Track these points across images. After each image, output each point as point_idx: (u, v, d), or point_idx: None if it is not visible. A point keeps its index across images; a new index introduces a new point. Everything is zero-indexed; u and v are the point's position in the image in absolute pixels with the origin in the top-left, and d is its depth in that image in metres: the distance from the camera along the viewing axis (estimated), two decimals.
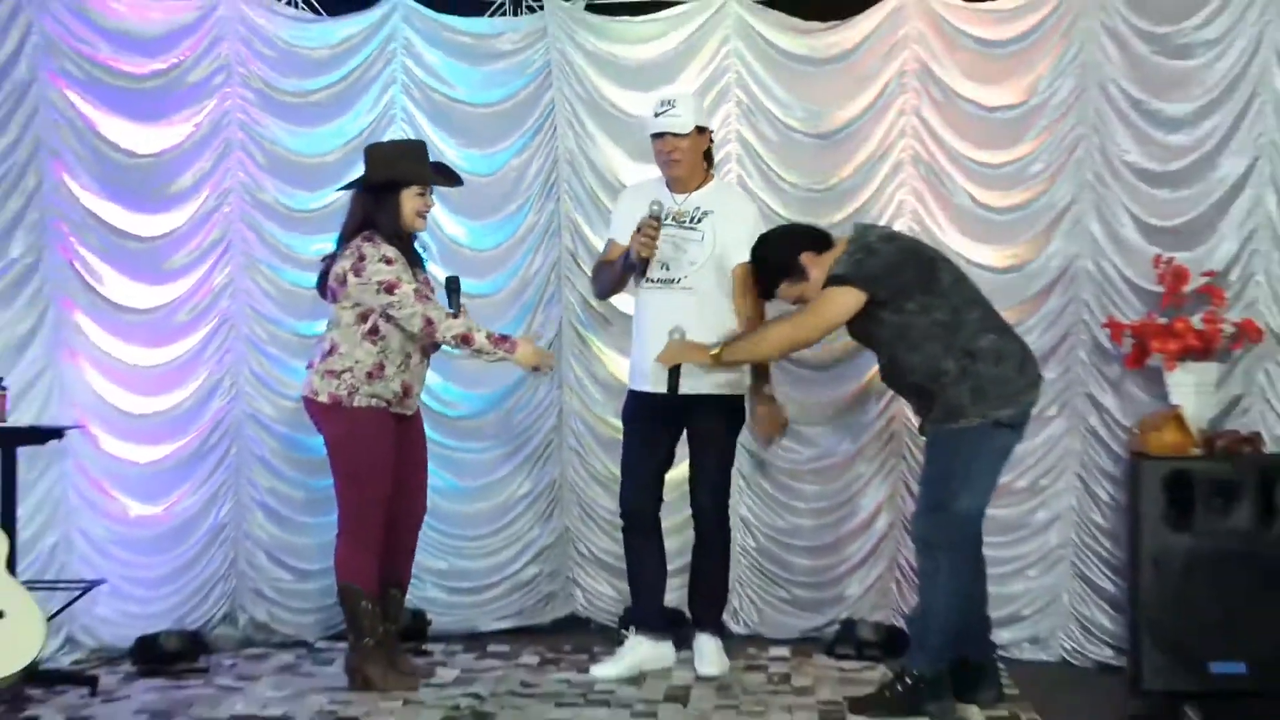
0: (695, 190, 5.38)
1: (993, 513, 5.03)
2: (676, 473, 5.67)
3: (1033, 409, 4.87)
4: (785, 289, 4.94)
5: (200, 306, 5.94)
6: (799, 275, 4.88)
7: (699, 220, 5.32)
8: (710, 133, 5.51)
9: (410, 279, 5.04)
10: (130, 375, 5.85)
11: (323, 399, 5.06)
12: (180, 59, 5.87)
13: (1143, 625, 5.09)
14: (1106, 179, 5.55)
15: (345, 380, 5.03)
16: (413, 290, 5.01)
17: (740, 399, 5.42)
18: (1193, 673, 5.00)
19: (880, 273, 4.71)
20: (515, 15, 6.20)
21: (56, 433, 5.39)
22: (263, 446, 6.00)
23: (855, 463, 5.97)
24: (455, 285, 5.20)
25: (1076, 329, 5.62)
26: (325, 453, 5.19)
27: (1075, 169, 5.60)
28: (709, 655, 5.38)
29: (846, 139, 5.93)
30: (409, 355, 5.12)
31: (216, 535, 5.95)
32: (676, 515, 5.77)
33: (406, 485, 5.24)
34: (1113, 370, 5.56)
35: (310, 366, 5.15)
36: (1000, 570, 5.47)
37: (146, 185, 5.86)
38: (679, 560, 5.70)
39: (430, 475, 5.67)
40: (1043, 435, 5.60)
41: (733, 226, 5.30)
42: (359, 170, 5.70)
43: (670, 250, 5.29)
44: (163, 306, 5.90)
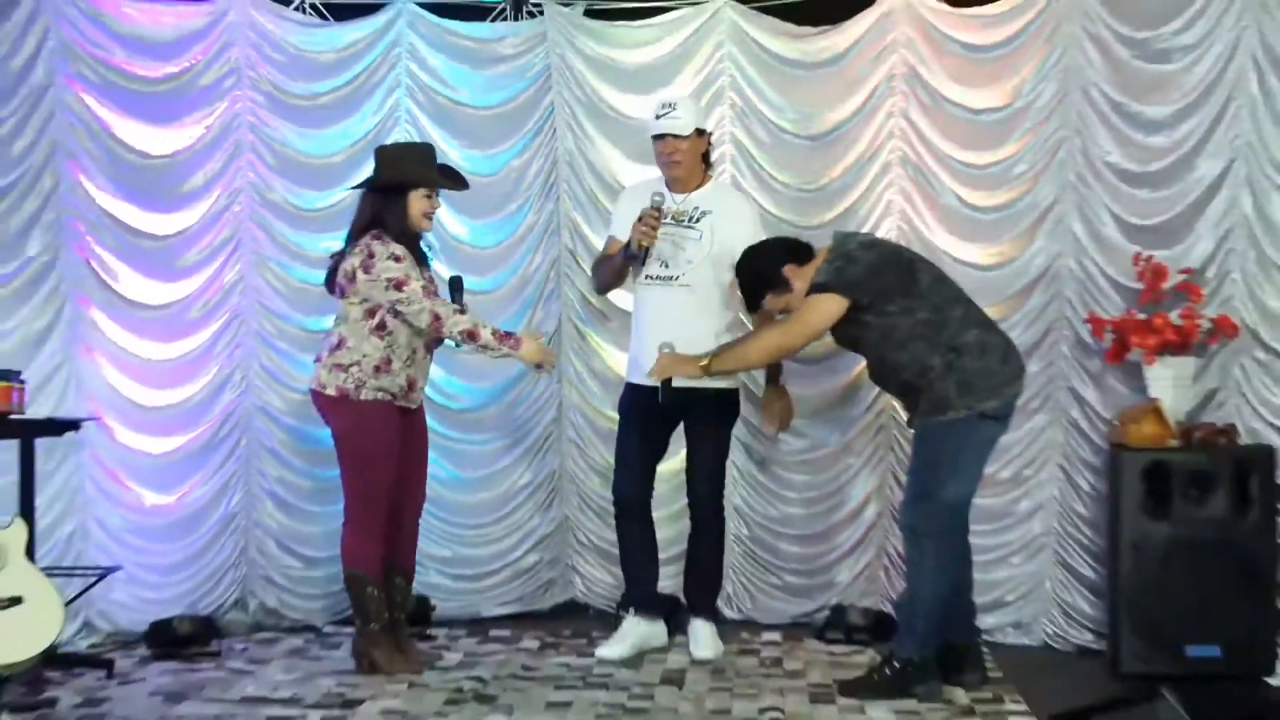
0: (694, 190, 5.39)
1: (978, 502, 5.03)
2: (674, 463, 5.70)
3: (1017, 401, 4.87)
4: (771, 300, 4.94)
5: (211, 303, 5.95)
6: (783, 287, 4.88)
7: (697, 220, 5.34)
8: (709, 135, 5.51)
9: (418, 276, 5.03)
10: (144, 369, 5.87)
11: (330, 392, 5.05)
12: (192, 63, 5.88)
13: (1122, 610, 5.11)
14: (1088, 179, 5.55)
15: (352, 374, 5.03)
16: (421, 287, 5.00)
17: (735, 393, 5.44)
18: (1169, 656, 5.02)
19: (861, 278, 4.72)
20: (516, 20, 6.22)
21: (73, 425, 5.39)
22: (272, 438, 6.02)
23: (845, 454, 5.98)
24: (459, 284, 5.21)
25: (1059, 324, 5.62)
26: (332, 444, 5.19)
27: (1058, 170, 5.60)
28: (704, 639, 5.40)
29: (837, 140, 5.94)
30: (415, 350, 5.12)
31: (227, 524, 5.97)
32: (673, 505, 5.80)
33: (409, 476, 5.24)
34: (1094, 364, 5.56)
35: (318, 360, 5.15)
36: (985, 558, 5.48)
37: (159, 185, 5.88)
38: (675, 548, 5.72)
39: (434, 466, 5.67)
40: (1026, 427, 5.59)
41: (733, 225, 5.30)
42: (365, 170, 5.70)
43: (669, 248, 5.30)
44: (175, 303, 5.91)
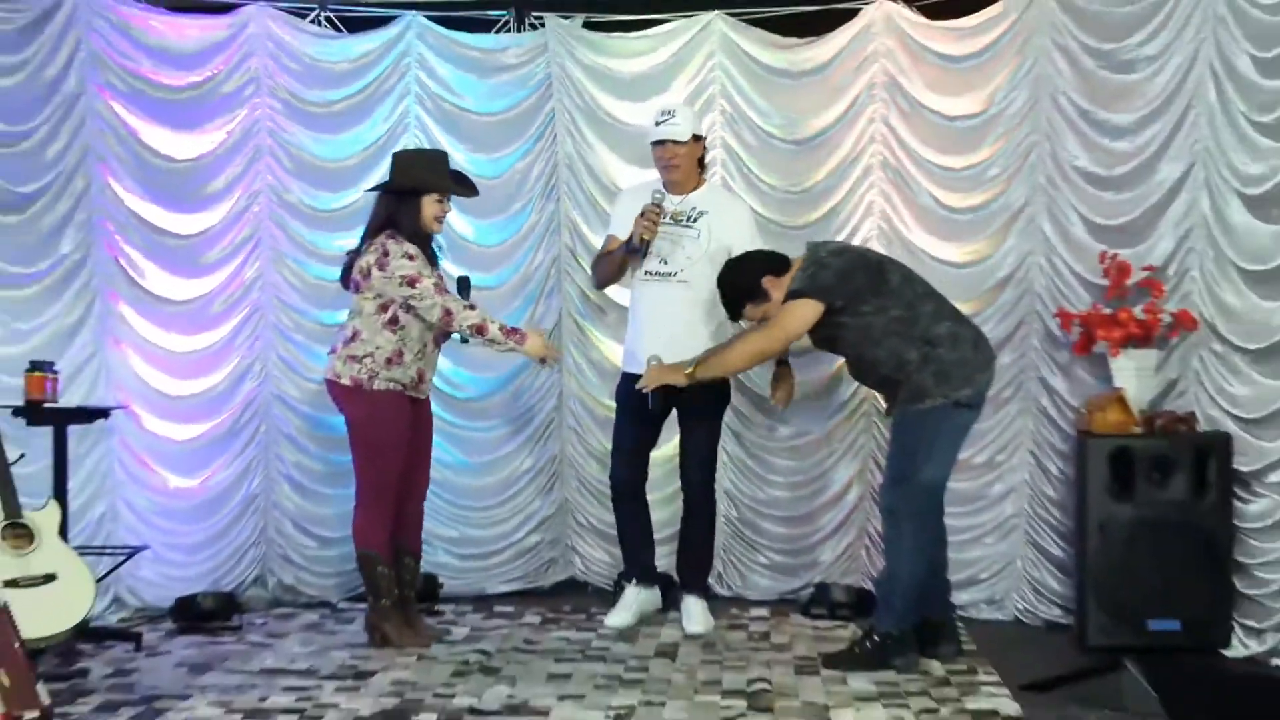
0: (691, 192, 5.44)
1: (954, 485, 5.08)
2: (667, 449, 5.75)
3: (988, 388, 4.90)
4: (750, 310, 4.98)
5: (233, 298, 5.98)
6: (762, 297, 4.91)
7: (695, 219, 5.39)
8: (704, 140, 5.57)
9: (430, 274, 5.07)
10: (169, 360, 5.89)
11: (345, 382, 5.08)
12: (214, 72, 5.91)
13: (1088, 587, 5.15)
14: (1057, 182, 5.56)
15: (366, 365, 5.06)
16: (433, 284, 5.04)
17: (726, 383, 5.47)
18: (1133, 630, 5.06)
19: (833, 283, 4.76)
20: (519, 32, 6.24)
21: (103, 412, 5.43)
22: (289, 425, 6.05)
23: (827, 441, 6.02)
24: (466, 283, 5.27)
25: (1030, 318, 5.64)
26: (345, 431, 5.22)
27: (1029, 173, 5.62)
28: (695, 615, 5.45)
29: (821, 145, 5.98)
30: (425, 344, 5.15)
31: (248, 506, 6.00)
32: (666, 488, 5.85)
33: (416, 462, 5.28)
34: (1062, 356, 5.58)
35: (333, 352, 5.18)
36: (960, 538, 5.53)
37: (184, 188, 5.90)
38: (668, 529, 5.77)
39: (441, 452, 5.73)
40: (999, 415, 5.63)
41: (730, 225, 5.37)
42: (376, 173, 5.79)
43: (668, 246, 5.35)
44: (199, 298, 5.93)
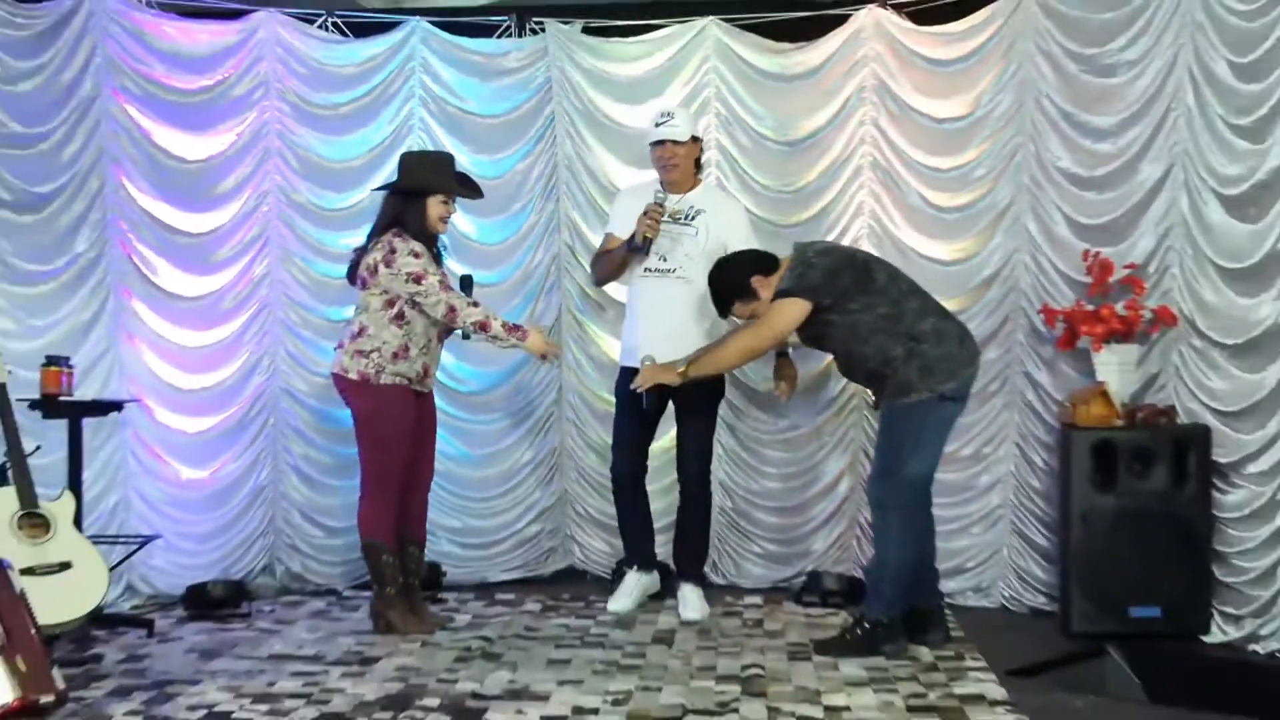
0: (689, 192, 5.47)
1: (941, 477, 5.11)
2: (664, 441, 5.77)
3: (973, 383, 4.92)
4: (739, 308, 5.00)
5: (242, 294, 5.99)
6: (751, 296, 4.93)
7: (693, 218, 5.41)
8: (701, 142, 5.60)
9: (435, 271, 5.09)
10: (181, 355, 5.91)
11: (352, 376, 5.10)
12: (224, 76, 5.93)
13: (1072, 575, 5.16)
14: (1041, 182, 5.58)
15: (372, 359, 5.07)
16: (438, 281, 5.06)
17: (720, 378, 5.49)
18: (1115, 617, 5.08)
19: (820, 282, 4.78)
20: (520, 36, 6.25)
21: (117, 405, 5.45)
22: (296, 418, 6.06)
23: (819, 434, 6.04)
24: (469, 282, 5.29)
25: (1015, 315, 5.66)
26: (351, 424, 5.25)
27: (1014, 173, 5.64)
28: (691, 602, 5.47)
29: (812, 146, 6.00)
30: (430, 339, 5.17)
31: (256, 496, 6.02)
32: (664, 479, 5.86)
33: (420, 454, 5.29)
34: (1046, 351, 5.60)
35: (340, 347, 5.19)
36: (947, 528, 5.54)
37: (195, 188, 5.92)
38: (665, 519, 5.78)
39: (445, 444, 5.75)
40: (985, 409, 5.66)
41: (727, 223, 5.40)
42: (382, 174, 5.82)
43: (667, 244, 5.38)
44: (209, 295, 5.95)
